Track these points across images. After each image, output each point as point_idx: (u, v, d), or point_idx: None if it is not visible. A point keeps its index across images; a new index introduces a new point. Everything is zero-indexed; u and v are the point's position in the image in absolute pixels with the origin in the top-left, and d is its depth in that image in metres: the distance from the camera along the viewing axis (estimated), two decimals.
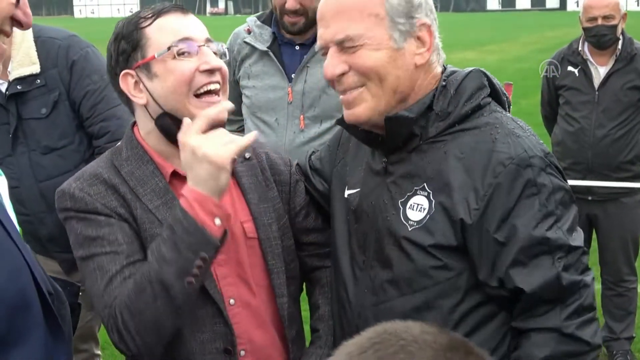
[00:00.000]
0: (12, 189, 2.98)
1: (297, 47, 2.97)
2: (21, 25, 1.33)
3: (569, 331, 1.68)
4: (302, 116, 2.91)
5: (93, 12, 78.55)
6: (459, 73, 1.81)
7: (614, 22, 4.39)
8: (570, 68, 4.61)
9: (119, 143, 1.96)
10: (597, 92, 4.52)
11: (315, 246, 2.10)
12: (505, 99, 1.88)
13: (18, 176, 3.05)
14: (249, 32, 3.02)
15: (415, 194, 1.76)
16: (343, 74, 1.75)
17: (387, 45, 1.73)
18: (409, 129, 1.76)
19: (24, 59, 3.08)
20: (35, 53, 3.08)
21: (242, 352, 1.88)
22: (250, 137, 1.73)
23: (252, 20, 3.07)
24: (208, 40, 1.85)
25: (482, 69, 1.85)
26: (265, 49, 2.93)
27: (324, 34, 1.78)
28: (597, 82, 4.53)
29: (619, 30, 4.45)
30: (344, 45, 1.74)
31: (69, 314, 1.46)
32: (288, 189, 2.05)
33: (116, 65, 1.86)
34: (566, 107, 4.63)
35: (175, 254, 1.66)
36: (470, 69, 1.83)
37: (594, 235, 4.69)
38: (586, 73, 4.56)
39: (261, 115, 2.93)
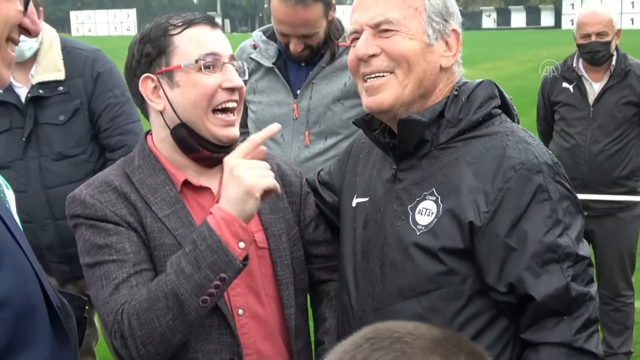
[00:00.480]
0: (17, 193, 3.05)
1: (303, 64, 2.98)
2: (29, 33, 1.33)
3: (579, 345, 1.68)
4: (307, 132, 2.91)
5: (90, 30, 78.59)
6: (470, 83, 1.84)
7: (607, 39, 4.42)
8: (565, 84, 4.64)
9: (132, 152, 1.97)
10: (592, 108, 4.54)
11: (323, 259, 2.10)
12: (515, 112, 1.90)
13: (25, 181, 3.06)
14: (254, 47, 3.03)
15: (424, 199, 1.77)
16: (374, 56, 1.77)
17: (421, 38, 1.76)
18: (421, 133, 1.77)
19: (50, 65, 3.12)
20: (62, 61, 3.13)
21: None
22: (278, 187, 1.76)
23: (257, 35, 3.07)
24: (232, 58, 1.85)
25: (492, 80, 1.88)
26: (271, 65, 2.93)
27: (360, 17, 1.80)
28: (591, 98, 4.56)
29: (613, 47, 4.48)
30: (380, 29, 1.76)
31: (75, 327, 1.45)
32: (299, 201, 2.05)
33: (137, 67, 1.86)
34: (561, 123, 4.66)
35: (195, 270, 1.65)
36: (482, 79, 1.86)
37: (591, 251, 4.72)
38: (581, 89, 4.58)
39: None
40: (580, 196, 4.51)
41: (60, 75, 3.12)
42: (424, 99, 1.80)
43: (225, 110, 1.82)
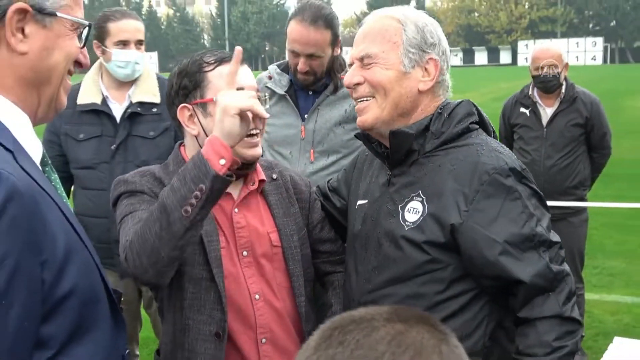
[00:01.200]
0: (100, 191, 3.09)
1: (310, 93, 2.99)
2: (81, 65, 1.34)
3: (567, 314, 1.71)
4: (312, 150, 2.92)
5: None
6: (452, 102, 1.87)
7: (557, 70, 4.48)
8: (522, 109, 4.69)
9: (167, 159, 1.97)
10: (545, 129, 4.60)
11: (328, 254, 2.11)
12: (492, 128, 1.93)
13: (108, 181, 2.98)
14: (270, 78, 3.03)
15: (412, 199, 1.79)
16: (358, 84, 1.84)
17: (397, 68, 1.79)
18: (409, 143, 1.80)
19: (148, 89, 3.22)
20: (158, 88, 3.23)
21: (264, 340, 1.87)
22: (261, 110, 1.67)
23: (273, 68, 3.08)
24: (257, 90, 1.86)
25: (471, 101, 1.91)
26: (283, 93, 2.94)
27: (353, 52, 1.86)
28: (545, 121, 4.61)
29: (562, 77, 4.53)
30: (364, 62, 1.82)
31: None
32: (307, 206, 2.06)
33: (175, 96, 1.87)
34: (520, 142, 4.70)
35: (182, 184, 1.61)
36: (462, 99, 1.90)
37: None
38: (536, 113, 4.63)
39: (278, 148, 2.95)
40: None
41: (157, 99, 3.21)
42: (404, 117, 1.83)
43: (250, 135, 1.83)
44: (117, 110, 3.21)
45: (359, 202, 1.96)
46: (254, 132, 1.84)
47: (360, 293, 1.86)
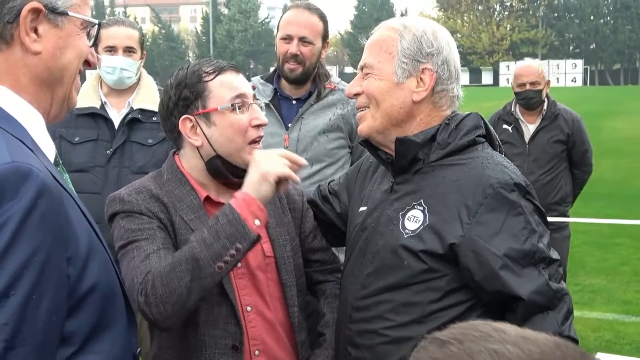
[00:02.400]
0: (93, 194, 3.00)
1: (294, 102, 3.00)
2: (89, 65, 1.35)
3: (566, 334, 1.68)
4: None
5: None
6: (460, 114, 1.85)
7: (539, 87, 4.54)
8: (505, 126, 4.73)
9: (161, 168, 1.96)
10: (527, 145, 4.64)
11: (320, 263, 2.10)
12: (498, 142, 1.89)
13: (102, 184, 3.03)
14: (254, 88, 2.95)
15: (413, 207, 1.77)
16: (358, 94, 1.85)
17: (390, 78, 1.79)
18: (414, 152, 1.78)
19: (149, 97, 3.19)
20: (159, 97, 3.20)
21: (257, 352, 1.86)
22: (293, 175, 1.77)
23: (256, 79, 3.11)
24: (254, 97, 1.89)
25: (479, 114, 1.88)
26: (267, 102, 2.94)
27: (360, 61, 1.89)
28: (527, 137, 4.65)
29: (544, 94, 4.58)
30: (363, 72, 1.84)
31: None
32: (300, 216, 2.05)
33: (174, 108, 1.85)
34: None
35: (215, 240, 1.65)
36: (470, 112, 1.88)
37: None
38: (518, 130, 4.68)
39: None
40: None
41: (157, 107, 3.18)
42: (399, 127, 1.82)
43: (254, 142, 1.86)
44: (115, 116, 3.19)
45: (361, 208, 1.95)
46: (257, 139, 1.86)
47: (355, 298, 1.84)
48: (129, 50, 3.15)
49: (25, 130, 1.22)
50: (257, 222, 1.68)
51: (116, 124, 3.16)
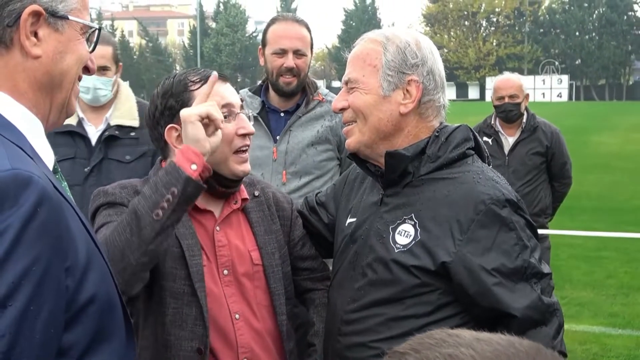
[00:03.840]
0: None
1: (282, 114, 3.00)
2: (88, 71, 1.33)
3: (558, 349, 1.67)
4: (284, 172, 2.90)
5: None
6: (450, 126, 1.84)
7: (518, 100, 4.60)
8: (485, 138, 4.75)
9: (148, 174, 1.96)
10: (507, 157, 4.69)
11: (309, 271, 2.09)
12: (486, 154, 1.89)
13: (81, 205, 2.97)
14: (241, 100, 3.07)
15: (404, 222, 1.76)
16: (343, 109, 1.84)
17: (376, 92, 1.78)
18: (404, 165, 1.77)
19: (126, 113, 3.14)
20: (137, 112, 3.14)
21: (245, 359, 1.85)
22: (217, 114, 1.70)
23: (244, 91, 3.10)
24: (242, 107, 1.88)
25: (469, 126, 1.87)
26: (255, 114, 2.91)
27: (344, 75, 1.88)
28: (507, 149, 4.71)
29: (523, 107, 4.65)
30: (348, 86, 1.83)
31: None
32: (289, 223, 2.04)
33: (160, 117, 1.85)
34: None
35: (153, 192, 1.62)
36: (460, 124, 1.87)
37: None
38: (498, 142, 4.73)
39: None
40: None
41: (135, 123, 3.13)
42: (388, 140, 1.81)
43: (240, 151, 1.86)
44: (93, 133, 3.14)
45: (349, 220, 1.93)
46: (243, 148, 1.85)
47: (344, 311, 1.82)
48: (102, 69, 3.09)
49: (24, 137, 1.20)
50: (193, 166, 1.64)
51: (93, 141, 3.12)
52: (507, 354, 0.76)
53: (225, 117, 1.80)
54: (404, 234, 1.75)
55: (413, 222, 1.75)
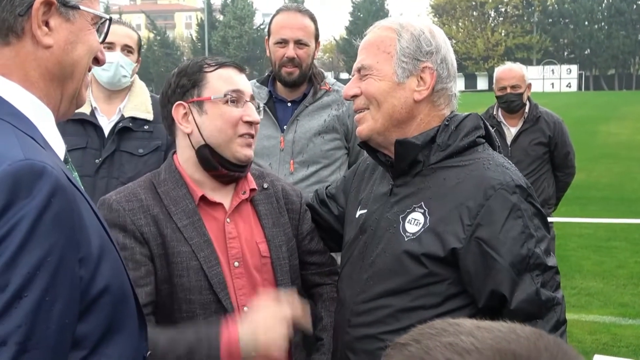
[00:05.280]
0: None
1: (289, 104, 3.00)
2: (98, 62, 1.33)
3: None
4: (292, 161, 2.90)
5: None
6: (460, 115, 1.83)
7: (520, 91, 4.56)
8: None
9: (160, 167, 1.96)
10: (509, 148, 4.65)
11: (316, 266, 2.09)
12: (497, 143, 1.88)
13: (90, 195, 2.95)
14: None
15: (413, 210, 1.75)
16: (356, 96, 1.82)
17: (390, 78, 1.77)
18: (414, 154, 1.76)
19: (141, 105, 3.10)
20: (151, 105, 3.10)
21: (253, 353, 1.83)
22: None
23: (252, 82, 3.07)
24: (252, 98, 1.90)
25: (479, 114, 1.86)
26: (263, 105, 2.98)
27: (355, 64, 1.86)
28: (509, 140, 4.67)
29: (525, 97, 4.61)
30: (361, 73, 1.81)
31: None
32: (297, 217, 2.04)
33: (172, 95, 1.87)
34: None
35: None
36: (470, 112, 1.85)
37: None
38: (500, 133, 4.67)
39: (257, 160, 2.85)
40: None
41: (149, 116, 3.09)
42: (400, 128, 1.79)
43: (243, 136, 1.86)
44: (105, 123, 3.09)
45: (359, 212, 1.92)
46: (247, 135, 1.85)
47: (354, 302, 1.82)
48: (127, 48, 3.07)
49: (35, 127, 1.19)
50: None
51: (106, 132, 3.06)
52: (507, 339, 0.76)
53: (232, 100, 1.83)
54: (414, 222, 1.73)
55: (423, 210, 1.73)
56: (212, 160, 1.85)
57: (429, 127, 1.80)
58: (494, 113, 4.75)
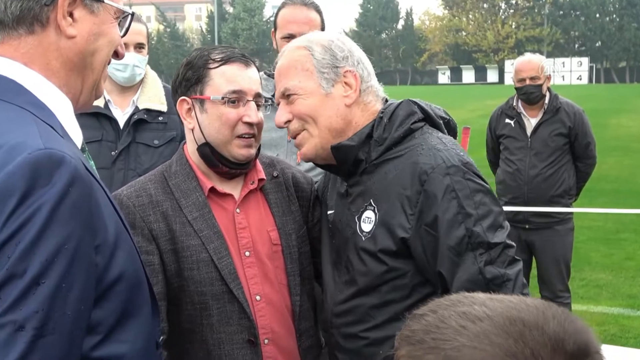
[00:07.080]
0: None
1: None
2: (117, 55, 1.35)
3: None
4: (299, 152, 2.94)
5: None
6: (392, 105, 1.83)
7: (539, 82, 4.54)
8: (507, 120, 4.73)
9: (172, 158, 1.98)
10: (529, 139, 4.64)
11: None
12: (440, 121, 1.86)
13: (108, 187, 2.97)
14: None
15: (365, 209, 1.77)
16: (289, 121, 1.82)
17: (317, 92, 1.78)
18: (353, 155, 1.77)
19: (155, 97, 3.10)
20: (164, 96, 3.11)
21: (266, 341, 1.87)
22: None
23: (261, 74, 3.09)
24: (257, 95, 1.88)
25: (413, 99, 1.85)
26: (270, 97, 2.87)
27: (276, 93, 1.86)
28: (529, 131, 4.65)
29: (545, 88, 4.59)
30: (287, 98, 1.81)
31: None
32: (308, 204, 2.04)
33: (179, 86, 1.89)
34: (505, 152, 4.73)
35: None
36: (402, 100, 1.84)
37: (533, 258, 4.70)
38: (520, 124, 4.68)
39: (264, 151, 2.86)
40: (522, 209, 4.58)
41: (164, 107, 3.10)
42: (340, 137, 1.79)
43: (241, 137, 1.86)
44: (119, 115, 3.09)
45: (329, 211, 1.95)
46: (245, 135, 1.85)
47: (334, 304, 1.85)
48: (139, 46, 3.08)
49: (55, 116, 1.21)
50: None
51: (121, 124, 3.06)
52: (517, 308, 0.82)
53: (231, 101, 1.83)
54: (367, 221, 1.75)
55: (372, 207, 1.75)
56: (212, 158, 1.86)
57: (364, 124, 1.81)
58: (514, 104, 4.73)
